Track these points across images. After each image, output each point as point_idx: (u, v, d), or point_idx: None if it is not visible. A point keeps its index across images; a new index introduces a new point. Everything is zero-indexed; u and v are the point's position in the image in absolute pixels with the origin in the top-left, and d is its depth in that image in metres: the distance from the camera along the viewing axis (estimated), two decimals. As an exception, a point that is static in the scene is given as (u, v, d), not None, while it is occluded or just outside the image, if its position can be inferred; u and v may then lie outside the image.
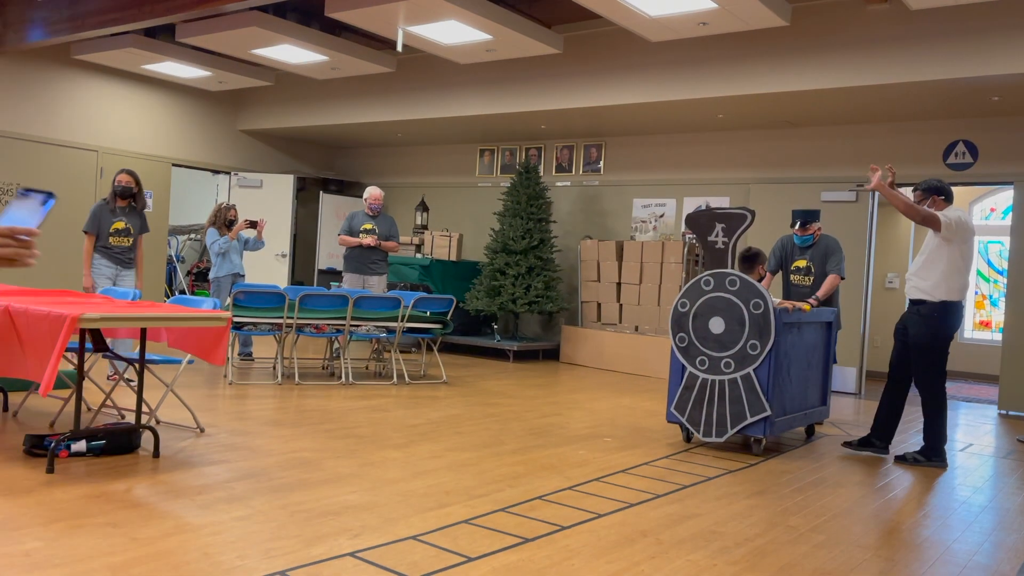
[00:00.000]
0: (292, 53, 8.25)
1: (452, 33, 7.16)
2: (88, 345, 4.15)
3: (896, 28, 6.57)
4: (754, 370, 4.80)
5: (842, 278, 5.89)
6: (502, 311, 9.55)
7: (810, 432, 5.76)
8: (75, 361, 4.10)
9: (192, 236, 12.61)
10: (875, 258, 8.69)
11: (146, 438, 4.25)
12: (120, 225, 6.21)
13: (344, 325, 6.78)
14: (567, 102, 8.30)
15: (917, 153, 8.03)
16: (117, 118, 10.06)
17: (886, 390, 5.23)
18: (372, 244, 7.67)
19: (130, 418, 4.59)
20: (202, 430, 4.71)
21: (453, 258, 10.27)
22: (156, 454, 4.07)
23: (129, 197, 6.23)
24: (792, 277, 6.08)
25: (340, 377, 7.05)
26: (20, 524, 2.95)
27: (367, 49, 8.52)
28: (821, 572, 3.02)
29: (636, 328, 9.05)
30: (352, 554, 2.88)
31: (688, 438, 5.26)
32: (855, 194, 8.22)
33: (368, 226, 7.71)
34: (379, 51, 8.72)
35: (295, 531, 3.08)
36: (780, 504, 3.94)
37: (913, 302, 5.01)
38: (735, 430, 4.87)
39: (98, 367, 6.24)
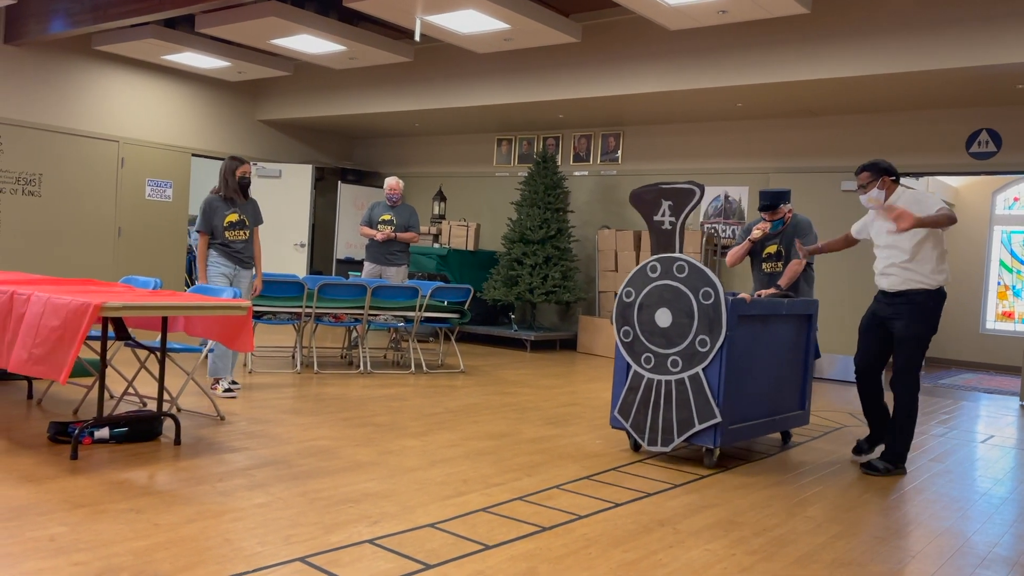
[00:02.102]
0: (310, 43, 8.27)
1: (470, 22, 7.15)
2: (110, 333, 4.19)
3: (918, 15, 6.49)
4: (703, 369, 4.16)
5: (808, 264, 5.30)
6: (519, 301, 9.56)
7: (786, 438, 5.13)
8: (98, 349, 4.15)
9: (196, 227, 12.69)
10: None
11: (167, 425, 4.30)
12: (234, 217, 5.59)
13: (362, 314, 6.82)
14: (585, 91, 8.27)
15: (940, 142, 7.93)
16: (138, 108, 10.13)
17: (865, 395, 4.70)
18: (383, 239, 7.52)
19: (151, 406, 4.64)
20: (222, 418, 4.76)
21: (471, 248, 10.28)
22: (177, 441, 4.11)
23: (246, 188, 5.69)
24: (764, 265, 5.46)
25: (358, 366, 7.09)
26: (45, 509, 3.00)
27: (385, 39, 8.52)
28: (839, 563, 3.01)
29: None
30: (371, 541, 2.90)
31: (636, 446, 4.63)
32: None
33: (386, 217, 7.67)
34: (397, 41, 8.72)
35: (314, 518, 3.11)
36: (798, 495, 3.93)
37: (900, 293, 4.44)
38: (682, 439, 4.24)
39: (120, 355, 6.31)
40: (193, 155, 10.76)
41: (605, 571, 2.77)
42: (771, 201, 5.36)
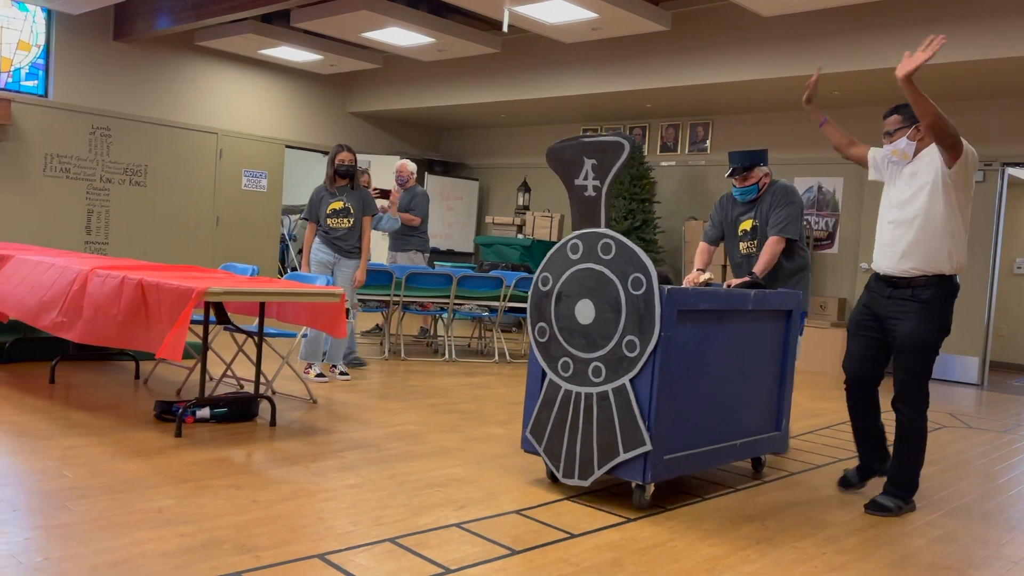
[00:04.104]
0: (400, 36, 8.40)
1: (558, 12, 7.13)
2: (212, 318, 4.38)
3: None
4: (631, 380, 3.18)
5: (793, 240, 4.22)
6: (603, 292, 9.50)
7: (757, 466, 4.02)
8: (200, 333, 4.34)
9: (302, 216, 13.08)
10: (1003, 242, 8.20)
11: (263, 407, 4.46)
12: (338, 205, 5.62)
13: (448, 303, 6.91)
14: (674, 80, 8.15)
15: (1053, 130, 7.51)
16: (235, 102, 10.50)
17: (858, 412, 3.70)
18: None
19: (248, 388, 4.83)
20: (315, 401, 4.91)
21: (554, 239, 10.28)
22: (273, 423, 4.27)
23: (349, 176, 5.68)
24: (740, 246, 4.42)
25: (443, 354, 7.20)
26: (153, 483, 3.16)
27: (473, 30, 8.59)
28: (937, 568, 2.91)
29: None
30: (458, 525, 2.95)
31: (554, 476, 3.56)
32: (981, 173, 7.75)
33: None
34: (485, 32, 8.77)
35: (403, 500, 3.18)
36: (893, 495, 3.80)
37: (905, 280, 3.43)
38: (602, 471, 3.25)
39: (219, 339, 6.58)
40: (287, 147, 11.09)
41: (692, 564, 2.74)
42: (742, 163, 4.33)
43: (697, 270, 4.27)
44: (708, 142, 9.80)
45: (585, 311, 3.33)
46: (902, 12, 6.73)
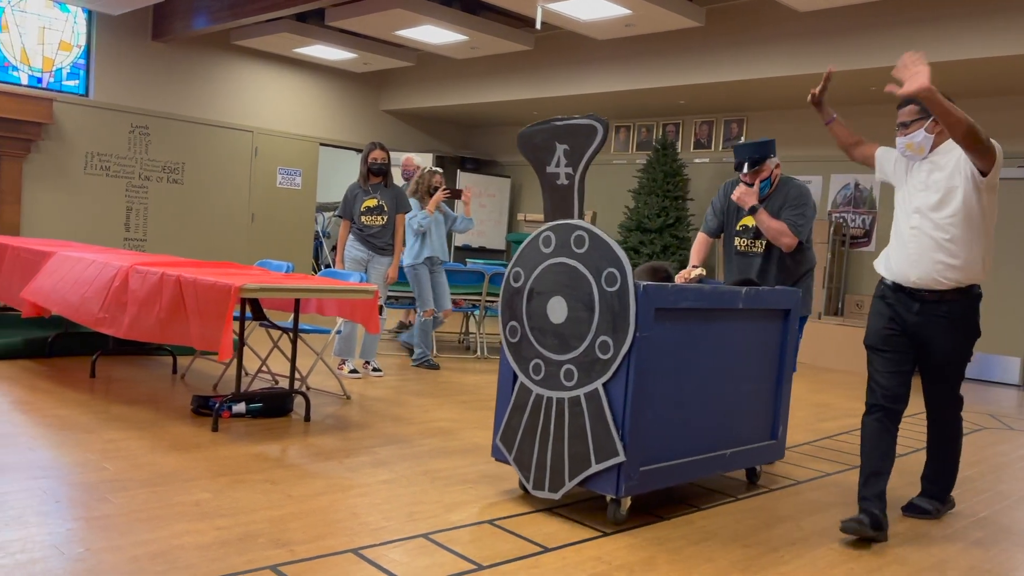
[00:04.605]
0: (433, 33, 8.43)
1: (591, 9, 7.11)
2: (248, 314, 4.43)
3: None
4: (604, 385, 2.94)
5: (801, 242, 3.92)
6: (636, 290, 9.46)
7: (752, 476, 3.75)
8: (236, 328, 4.39)
9: (335, 213, 13.19)
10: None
11: (298, 403, 4.51)
12: (372, 203, 5.64)
13: (480, 300, 6.92)
14: (708, 76, 8.08)
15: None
16: (270, 100, 10.61)
17: (884, 443, 3.17)
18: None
19: (283, 383, 4.88)
20: (348, 397, 4.95)
21: (587, 236, 10.25)
22: (307, 418, 4.31)
23: (383, 174, 5.70)
24: (737, 242, 4.09)
25: (475, 351, 7.22)
26: (191, 476, 3.21)
27: (506, 27, 8.59)
28: (977, 571, 2.85)
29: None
30: (490, 521, 2.96)
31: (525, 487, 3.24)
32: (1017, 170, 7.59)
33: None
34: (517, 29, 8.77)
35: (435, 496, 3.20)
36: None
37: (938, 295, 3.10)
38: (573, 482, 3.02)
39: (255, 335, 6.66)
40: (320, 144, 11.19)
41: (726, 564, 2.72)
42: (755, 154, 3.94)
43: (692, 266, 3.96)
44: (743, 138, 9.71)
45: (557, 309, 3.08)
46: (942, 5, 6.60)
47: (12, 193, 8.62)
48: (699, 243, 4.17)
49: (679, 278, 3.70)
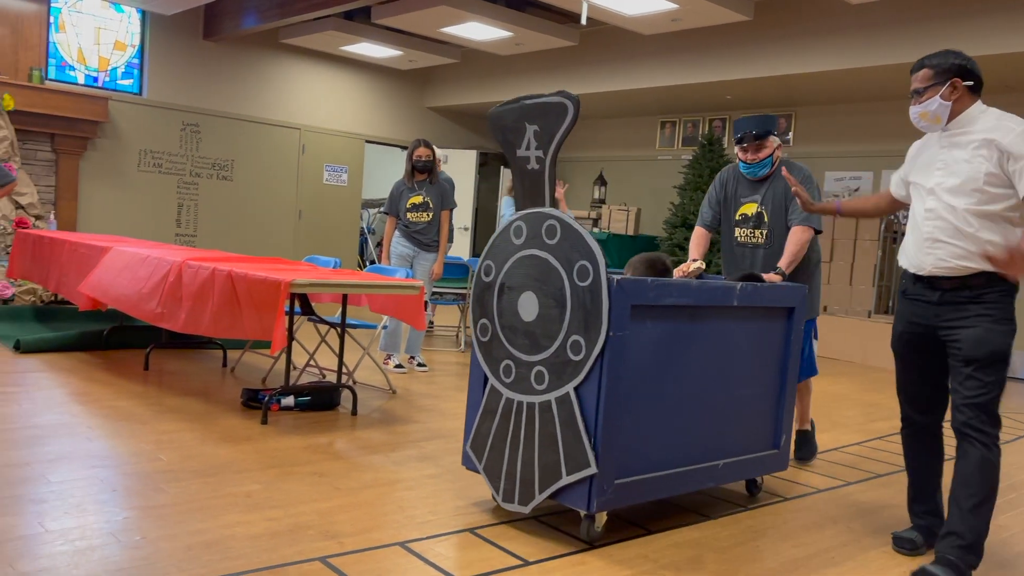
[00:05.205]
0: (478, 30, 8.45)
1: (637, 4, 7.05)
2: (297, 308, 4.50)
3: None
4: (575, 389, 2.67)
5: (817, 232, 3.64)
6: (680, 287, 9.37)
7: (752, 488, 3.44)
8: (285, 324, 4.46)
9: (381, 209, 13.32)
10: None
11: (345, 397, 4.57)
12: (417, 199, 5.68)
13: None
14: (755, 71, 7.97)
15: None
16: (317, 98, 10.74)
17: (925, 457, 2.95)
18: None
19: (330, 377, 4.95)
20: (394, 392, 5.00)
21: (631, 233, 10.20)
22: (354, 412, 4.36)
23: (427, 171, 5.73)
24: (737, 233, 3.81)
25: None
26: (241, 468, 3.27)
27: (551, 23, 8.57)
28: (1037, 577, 2.78)
29: (824, 308, 8.62)
30: (535, 518, 2.96)
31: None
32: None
33: None
34: (562, 25, 8.74)
35: (482, 491, 3.21)
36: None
37: (960, 281, 2.69)
38: (543, 495, 2.76)
39: (302, 330, 6.75)
40: (366, 141, 11.29)
41: (774, 566, 2.69)
42: (755, 128, 3.65)
43: (691, 260, 3.69)
44: (791, 134, 9.56)
45: (528, 306, 2.80)
46: (1001, -4, 6.42)
47: (69, 190, 8.86)
48: (697, 237, 3.91)
49: (678, 272, 3.50)
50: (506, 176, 11.70)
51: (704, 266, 3.56)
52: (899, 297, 2.92)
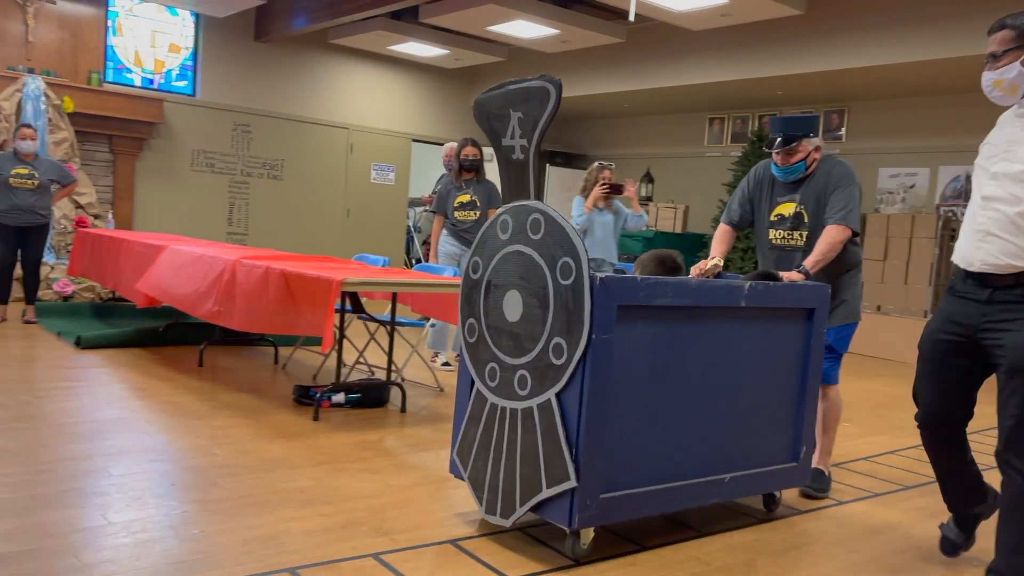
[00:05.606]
0: (525, 28, 8.45)
1: (686, -1, 6.99)
2: (347, 307, 4.55)
3: None
4: (557, 395, 2.49)
5: (855, 233, 3.30)
6: (729, 285, 9.26)
7: (769, 504, 3.18)
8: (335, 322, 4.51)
9: (427, 208, 13.38)
10: None
11: (394, 394, 4.60)
12: (465, 198, 5.68)
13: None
14: (807, 66, 7.83)
15: None
16: (365, 97, 10.85)
17: (943, 456, 2.69)
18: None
19: (380, 375, 4.99)
20: (441, 389, 5.02)
21: (678, 230, 10.11)
22: (403, 409, 4.40)
23: (475, 170, 5.71)
24: (771, 235, 3.51)
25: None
26: (294, 464, 3.32)
27: (598, 20, 8.53)
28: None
29: (878, 308, 8.44)
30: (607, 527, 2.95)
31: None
32: None
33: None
34: (609, 22, 8.70)
35: (531, 491, 3.21)
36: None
37: (998, 279, 2.42)
38: (524, 508, 2.58)
39: (351, 328, 6.83)
40: (413, 140, 11.36)
41: (829, 570, 2.64)
42: (789, 130, 3.36)
43: (710, 258, 3.43)
44: (843, 130, 9.38)
45: (513, 305, 2.62)
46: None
47: (126, 189, 9.08)
48: (719, 234, 3.62)
49: (694, 271, 3.31)
50: (552, 174, 11.69)
51: (722, 265, 3.36)
52: (945, 294, 2.62)
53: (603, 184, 5.66)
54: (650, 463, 2.64)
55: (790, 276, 3.13)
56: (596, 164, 5.82)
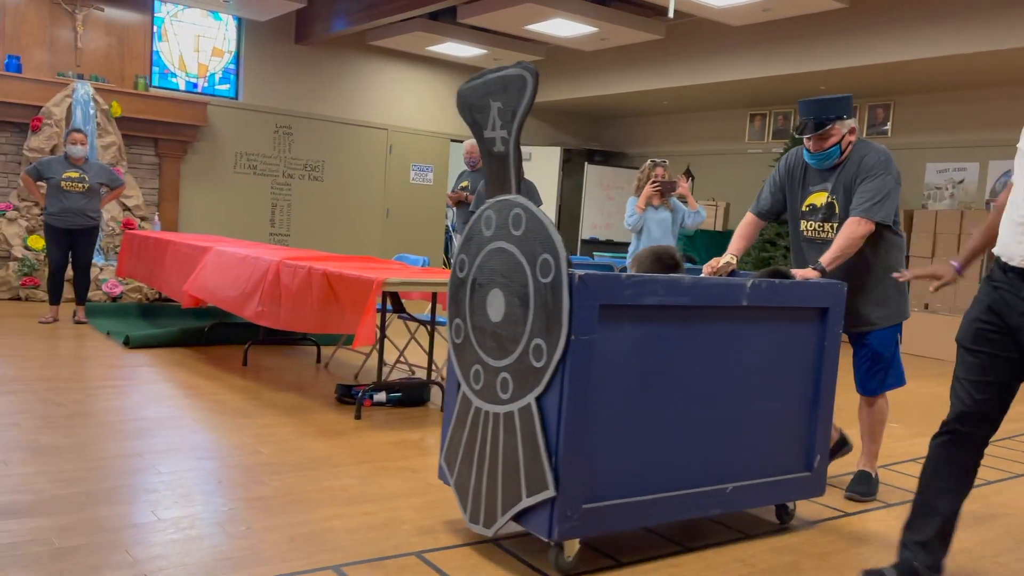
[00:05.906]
0: (563, 27, 8.42)
1: (726, -6, 6.91)
2: (388, 306, 4.58)
3: None
4: (537, 399, 2.36)
5: (886, 226, 3.12)
6: (771, 284, 9.14)
7: (783, 516, 2.99)
8: (376, 321, 4.55)
9: (449, 206, 13.44)
10: None
11: (434, 393, 4.63)
12: None
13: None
14: (852, 60, 7.70)
15: None
16: (403, 98, 10.91)
17: (955, 467, 2.47)
18: (452, 202, 6.58)
19: (420, 374, 5.02)
20: (482, 389, 5.03)
21: (719, 228, 10.01)
22: (443, 408, 4.40)
23: None
24: (803, 226, 3.32)
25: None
26: (337, 462, 3.36)
27: (637, 18, 8.48)
28: None
29: (926, 306, 8.27)
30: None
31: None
32: None
33: (465, 183, 6.54)
34: (648, 19, 8.64)
35: (573, 491, 3.20)
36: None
37: None
38: (506, 517, 2.46)
39: (393, 327, 6.87)
40: (451, 140, 11.41)
41: (878, 574, 2.59)
42: (815, 115, 3.16)
43: (726, 254, 3.25)
44: (889, 124, 9.20)
45: (496, 304, 2.50)
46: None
47: (171, 192, 9.25)
48: (743, 225, 3.41)
49: (706, 269, 3.14)
50: (590, 172, 11.64)
51: (735, 262, 3.20)
52: (984, 283, 2.40)
53: (654, 182, 5.54)
54: (641, 472, 2.50)
55: (804, 274, 2.97)
56: (649, 162, 5.70)
